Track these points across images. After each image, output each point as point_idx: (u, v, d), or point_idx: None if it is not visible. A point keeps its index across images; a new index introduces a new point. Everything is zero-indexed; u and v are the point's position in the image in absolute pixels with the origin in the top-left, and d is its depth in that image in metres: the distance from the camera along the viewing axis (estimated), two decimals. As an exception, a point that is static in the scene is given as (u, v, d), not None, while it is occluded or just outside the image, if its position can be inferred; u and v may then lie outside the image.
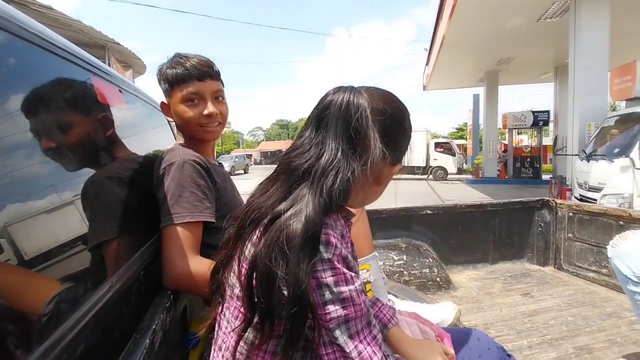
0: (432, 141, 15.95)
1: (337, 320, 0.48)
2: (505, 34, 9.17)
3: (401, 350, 0.65)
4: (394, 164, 0.61)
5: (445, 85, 16.61)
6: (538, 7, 7.64)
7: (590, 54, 6.16)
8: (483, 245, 2.16)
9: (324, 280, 0.47)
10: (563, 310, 1.57)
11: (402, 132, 0.60)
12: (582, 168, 5.08)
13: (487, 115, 13.63)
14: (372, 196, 0.64)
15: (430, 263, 1.85)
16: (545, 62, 11.73)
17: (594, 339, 1.34)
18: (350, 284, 0.49)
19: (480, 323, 1.48)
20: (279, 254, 0.47)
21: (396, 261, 1.79)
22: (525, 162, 12.64)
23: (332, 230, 0.50)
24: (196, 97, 0.90)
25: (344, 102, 0.55)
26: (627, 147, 4.45)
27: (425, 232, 2.10)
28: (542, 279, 1.93)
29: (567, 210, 2.03)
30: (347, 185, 0.51)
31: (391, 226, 2.04)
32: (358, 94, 0.56)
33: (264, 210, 0.53)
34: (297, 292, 0.46)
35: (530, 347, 1.29)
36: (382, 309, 0.71)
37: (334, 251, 0.48)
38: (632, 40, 8.99)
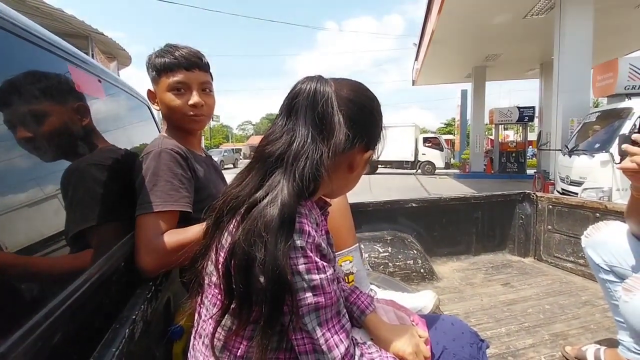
0: (420, 136, 16.09)
1: (307, 308, 0.49)
2: (492, 30, 9.27)
3: (377, 335, 0.67)
4: (365, 149, 0.62)
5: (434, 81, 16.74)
6: (524, 4, 7.74)
7: (574, 51, 6.29)
8: (466, 237, 2.21)
9: (296, 267, 0.49)
10: (541, 299, 1.62)
11: (370, 118, 0.62)
12: (565, 163, 5.22)
13: (475, 111, 13.82)
14: (347, 184, 0.65)
15: (414, 255, 1.88)
16: (532, 59, 11.92)
17: (568, 325, 1.39)
18: (322, 272, 0.50)
19: (462, 312, 1.52)
20: (257, 238, 0.48)
21: (381, 253, 1.82)
22: (510, 157, 12.92)
23: (306, 218, 0.51)
24: (183, 87, 0.90)
25: (311, 90, 0.56)
26: (607, 143, 4.58)
27: (410, 224, 2.13)
28: (522, 269, 1.99)
29: (547, 202, 2.09)
30: (317, 168, 0.53)
31: (377, 219, 2.07)
32: (324, 82, 0.58)
33: (241, 199, 0.54)
34: (275, 274, 0.47)
35: (508, 335, 1.33)
36: (360, 297, 0.73)
37: (307, 239, 0.50)
38: (614, 37, 9.21)
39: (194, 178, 0.90)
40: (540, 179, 6.34)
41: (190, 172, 0.89)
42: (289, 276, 0.48)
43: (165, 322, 0.91)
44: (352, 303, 0.73)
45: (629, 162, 0.82)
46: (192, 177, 0.90)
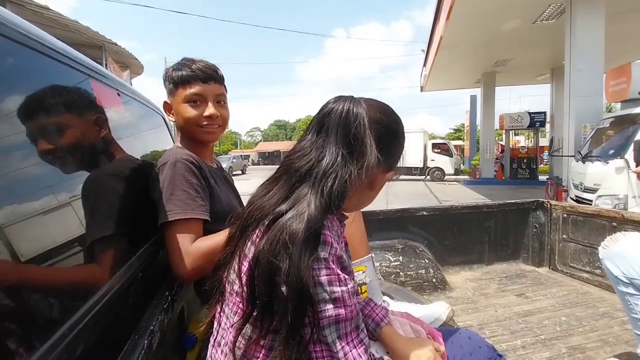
0: (429, 142, 15.98)
1: (328, 320, 0.50)
2: (501, 35, 9.23)
3: (393, 347, 0.66)
4: (387, 170, 0.63)
5: (442, 86, 16.67)
6: (534, 10, 7.69)
7: (585, 56, 6.21)
8: (479, 246, 2.18)
9: (319, 279, 0.49)
10: (557, 310, 1.59)
11: (395, 141, 0.63)
12: (578, 169, 5.12)
13: (484, 116, 13.69)
14: (366, 200, 0.66)
15: (426, 264, 1.86)
16: (542, 64, 11.80)
17: (586, 338, 1.36)
18: (343, 285, 0.50)
19: (475, 323, 1.49)
20: (282, 248, 0.49)
21: (392, 262, 1.81)
22: (522, 163, 12.71)
23: (329, 230, 0.52)
24: (198, 99, 0.93)
25: (344, 110, 0.58)
26: (622, 149, 4.49)
27: (421, 233, 2.11)
28: (536, 279, 1.95)
29: (561, 211, 2.05)
30: (344, 187, 0.54)
31: (388, 227, 2.05)
32: (357, 103, 0.60)
33: (266, 210, 0.55)
34: (298, 284, 0.48)
35: (524, 347, 1.31)
36: (375, 309, 0.72)
37: (330, 251, 0.50)
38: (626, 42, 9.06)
39: (208, 188, 0.92)
40: (553, 185, 6.23)
41: (205, 182, 0.91)
42: (311, 287, 0.48)
43: (179, 331, 0.92)
44: (367, 315, 0.73)
45: None
46: (207, 186, 0.91)
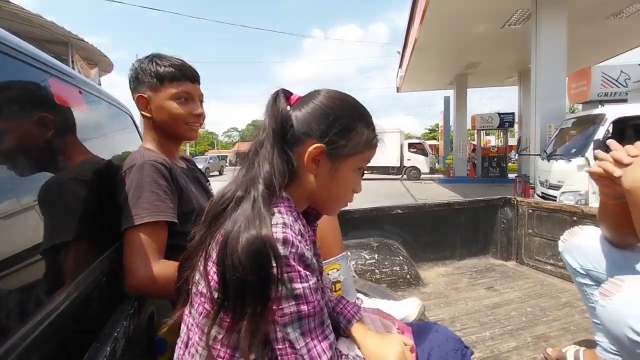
0: (405, 142, 16.33)
1: (290, 317, 0.50)
2: (472, 39, 9.56)
3: (363, 344, 0.67)
4: (345, 159, 0.61)
5: (417, 88, 17.06)
6: (502, 15, 8.03)
7: (549, 60, 6.54)
8: (451, 242, 2.25)
9: (279, 276, 0.49)
10: (523, 302, 1.66)
11: (348, 129, 0.60)
12: (544, 167, 5.40)
13: (457, 117, 14.15)
14: (335, 197, 0.65)
15: (400, 261, 1.90)
16: (510, 67, 12.33)
17: (549, 327, 1.43)
18: (305, 281, 0.51)
19: (447, 317, 1.54)
20: (235, 249, 0.50)
21: (368, 260, 1.83)
22: (492, 161, 13.28)
23: (290, 229, 0.52)
24: (187, 97, 0.94)
25: (270, 102, 0.61)
26: (583, 147, 4.77)
27: (396, 231, 2.15)
28: (504, 273, 2.04)
29: (527, 207, 2.15)
30: (282, 173, 0.56)
31: (363, 226, 2.08)
32: (283, 95, 0.61)
33: (220, 208, 0.57)
34: (257, 282, 0.49)
35: (492, 338, 1.36)
36: (347, 307, 0.74)
37: (291, 249, 0.51)
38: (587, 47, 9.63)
39: (177, 190, 0.90)
40: (521, 183, 6.53)
41: (174, 183, 0.89)
42: (271, 286, 0.49)
43: (149, 336, 0.89)
44: (339, 313, 0.74)
45: (596, 166, 0.85)
46: (175, 188, 0.89)
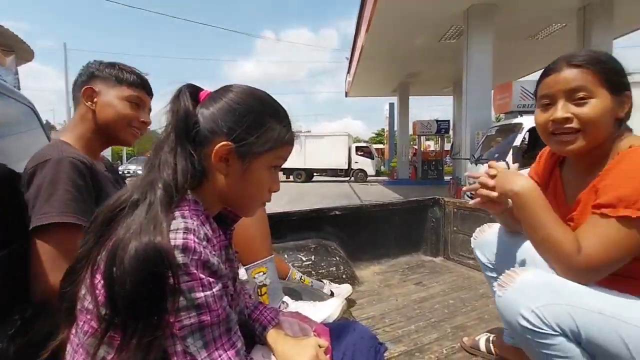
0: (353, 145, 16.84)
1: (190, 328, 0.47)
2: (414, 50, 10.18)
3: (276, 349, 0.66)
4: (256, 157, 0.58)
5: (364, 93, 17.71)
6: (439, 29, 8.66)
7: (478, 73, 7.21)
8: (386, 241, 2.35)
9: (178, 286, 0.46)
10: (446, 295, 1.79)
11: (254, 124, 0.57)
12: (472, 170, 5.93)
13: (400, 123, 14.99)
14: (247, 194, 0.61)
15: (337, 261, 1.93)
16: (446, 78, 13.37)
17: (467, 318, 1.55)
18: (207, 289, 0.48)
19: (378, 313, 1.59)
20: (128, 260, 0.45)
21: (305, 262, 1.83)
22: (431, 165, 14.32)
23: (193, 234, 0.49)
24: (139, 103, 0.95)
25: (173, 100, 0.57)
26: (504, 153, 5.33)
27: (334, 231, 2.19)
28: (433, 268, 2.18)
29: (452, 207, 2.33)
30: (185, 174, 0.53)
31: (302, 228, 2.08)
32: (191, 93, 0.57)
33: (115, 213, 0.51)
34: (149, 298, 0.45)
35: (417, 331, 1.44)
36: (264, 312, 0.72)
37: (192, 256, 0.47)
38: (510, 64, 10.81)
39: (96, 192, 0.82)
40: (454, 184, 7.09)
41: (93, 185, 0.81)
42: (168, 296, 0.45)
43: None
44: (255, 320, 0.72)
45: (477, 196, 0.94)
46: (94, 190, 0.81)
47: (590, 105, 0.78)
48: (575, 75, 0.79)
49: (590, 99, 0.78)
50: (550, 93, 0.83)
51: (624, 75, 0.81)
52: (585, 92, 0.78)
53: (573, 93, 0.79)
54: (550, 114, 0.83)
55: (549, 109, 0.84)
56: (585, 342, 0.71)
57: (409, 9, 7.27)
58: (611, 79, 0.78)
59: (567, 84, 0.79)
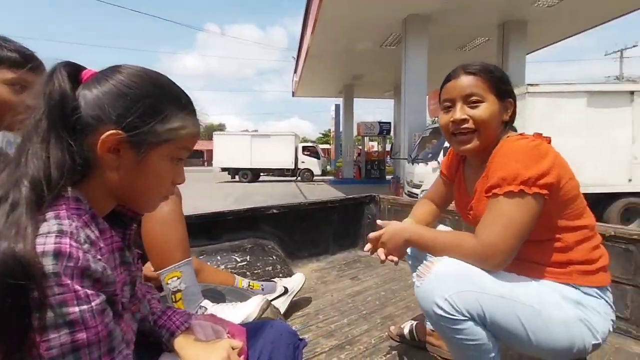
0: (300, 145, 16.89)
1: (60, 349, 0.40)
2: (357, 54, 10.52)
3: (184, 355, 0.62)
4: (153, 147, 0.52)
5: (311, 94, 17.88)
6: (381, 35, 9.06)
7: (415, 79, 7.69)
8: (325, 239, 2.38)
9: (47, 300, 0.40)
10: (378, 287, 1.86)
11: (156, 112, 0.52)
12: (409, 169, 6.31)
13: (346, 124, 15.40)
14: (149, 192, 0.56)
15: (274, 261, 1.91)
16: (387, 82, 14.05)
17: (396, 308, 1.63)
18: (84, 303, 0.42)
19: (313, 310, 1.61)
20: None
21: (239, 263, 1.78)
22: (374, 165, 14.96)
23: (70, 237, 0.43)
24: (25, 85, 0.83)
25: (45, 81, 0.49)
26: (437, 153, 5.75)
27: (272, 230, 2.16)
28: (368, 263, 2.26)
29: (387, 203, 2.45)
30: (61, 167, 0.46)
31: (238, 227, 2.02)
32: (70, 73, 0.50)
33: None
34: (7, 314, 0.39)
35: (349, 325, 1.47)
36: (172, 318, 0.67)
37: (67, 263, 0.41)
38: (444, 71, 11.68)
39: None
40: (394, 183, 7.48)
41: None
42: (33, 311, 0.39)
43: None
44: (162, 326, 0.66)
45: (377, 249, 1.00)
46: None
47: (482, 108, 0.89)
48: (470, 82, 0.90)
49: (482, 103, 0.89)
50: (450, 97, 0.93)
51: (509, 84, 0.93)
52: (478, 97, 0.89)
53: (468, 97, 0.90)
54: (450, 116, 0.93)
55: (450, 111, 0.94)
56: (490, 324, 0.78)
57: (351, 13, 7.50)
58: (498, 86, 0.90)
59: (464, 90, 0.90)
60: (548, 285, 0.84)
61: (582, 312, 0.81)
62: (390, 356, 1.25)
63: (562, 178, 0.81)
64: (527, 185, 0.77)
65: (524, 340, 0.79)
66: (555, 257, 0.85)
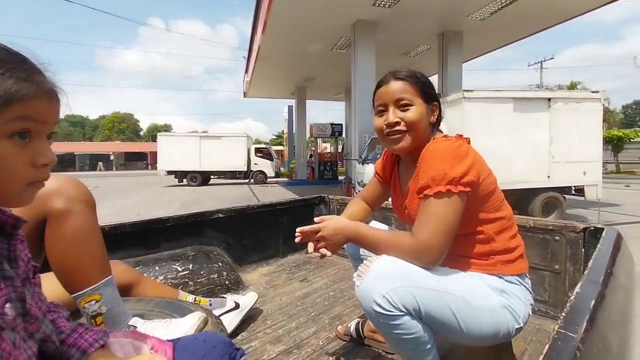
0: (252, 146, 16.56)
1: None
2: (309, 56, 10.59)
3: None
4: None
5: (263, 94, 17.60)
6: (331, 39, 9.21)
7: (363, 82, 7.92)
8: (275, 242, 2.34)
9: None
10: (328, 287, 1.87)
11: None
12: (360, 170, 6.48)
13: (298, 125, 15.42)
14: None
15: (219, 267, 1.83)
16: (339, 84, 14.34)
17: (344, 307, 1.65)
18: None
19: (261, 317, 1.56)
20: None
21: (180, 272, 1.67)
22: (327, 166, 15.18)
23: None
24: None
25: None
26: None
27: (218, 236, 2.07)
28: (318, 264, 2.26)
29: (336, 204, 2.48)
30: None
31: (180, 234, 1.90)
32: None
33: None
34: None
35: (297, 328, 1.45)
36: (84, 335, 0.60)
37: None
38: (389, 76, 12.26)
39: None
40: (346, 183, 7.64)
41: None
42: None
43: None
44: (71, 345, 0.59)
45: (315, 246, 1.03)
46: None
47: (411, 111, 0.95)
48: (399, 87, 0.96)
49: (412, 106, 0.96)
50: (382, 102, 0.99)
51: (433, 89, 1.01)
52: (407, 101, 0.95)
53: (399, 101, 0.96)
54: (384, 119, 0.98)
55: (383, 115, 0.99)
56: (425, 317, 0.81)
57: (301, 16, 7.53)
58: (425, 91, 0.97)
59: (394, 95, 0.96)
60: (476, 276, 0.90)
61: (505, 299, 0.88)
62: (337, 356, 1.26)
63: (481, 175, 0.88)
64: (453, 184, 0.83)
65: (456, 330, 0.83)
66: (478, 248, 0.91)
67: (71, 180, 0.89)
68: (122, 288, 1.08)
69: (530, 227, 1.54)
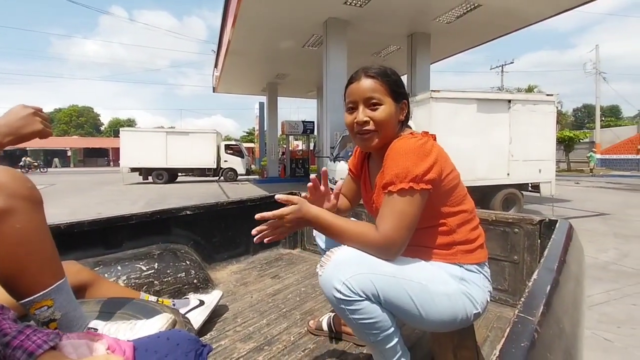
0: (222, 143, 16.16)
1: None
2: (280, 52, 10.48)
3: None
4: None
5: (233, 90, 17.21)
6: (303, 36, 9.17)
7: (335, 80, 7.97)
8: (245, 239, 2.29)
9: None
10: (299, 283, 1.87)
11: None
12: (331, 167, 6.52)
13: (270, 122, 15.24)
14: None
15: (187, 266, 1.76)
16: (310, 82, 14.33)
17: (316, 302, 1.65)
18: None
19: (231, 315, 1.53)
20: None
21: (145, 272, 1.59)
22: (298, 163, 15.15)
23: None
24: None
25: None
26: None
27: (186, 234, 2.00)
28: (290, 260, 2.25)
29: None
30: None
31: (145, 233, 1.81)
32: None
33: None
34: None
35: (268, 325, 1.43)
36: (31, 337, 0.55)
37: None
38: (361, 75, 12.43)
39: None
40: (318, 181, 7.65)
41: None
42: None
43: None
44: (17, 347, 0.54)
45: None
46: None
47: (380, 110, 0.96)
48: (370, 86, 0.96)
49: (381, 105, 0.96)
50: (353, 100, 0.99)
51: (403, 88, 1.02)
52: (377, 100, 0.96)
53: (369, 100, 0.96)
54: (354, 117, 0.98)
55: (353, 112, 1.00)
56: (384, 302, 0.84)
57: (272, 11, 7.42)
58: (394, 89, 0.98)
59: (365, 93, 0.96)
60: (436, 265, 0.93)
61: (464, 286, 0.92)
62: (308, 350, 1.25)
63: (444, 171, 0.91)
64: (415, 182, 0.86)
65: (415, 314, 0.86)
66: (440, 239, 0.95)
67: (10, 172, 0.77)
68: (76, 290, 1.01)
69: (492, 221, 1.62)
